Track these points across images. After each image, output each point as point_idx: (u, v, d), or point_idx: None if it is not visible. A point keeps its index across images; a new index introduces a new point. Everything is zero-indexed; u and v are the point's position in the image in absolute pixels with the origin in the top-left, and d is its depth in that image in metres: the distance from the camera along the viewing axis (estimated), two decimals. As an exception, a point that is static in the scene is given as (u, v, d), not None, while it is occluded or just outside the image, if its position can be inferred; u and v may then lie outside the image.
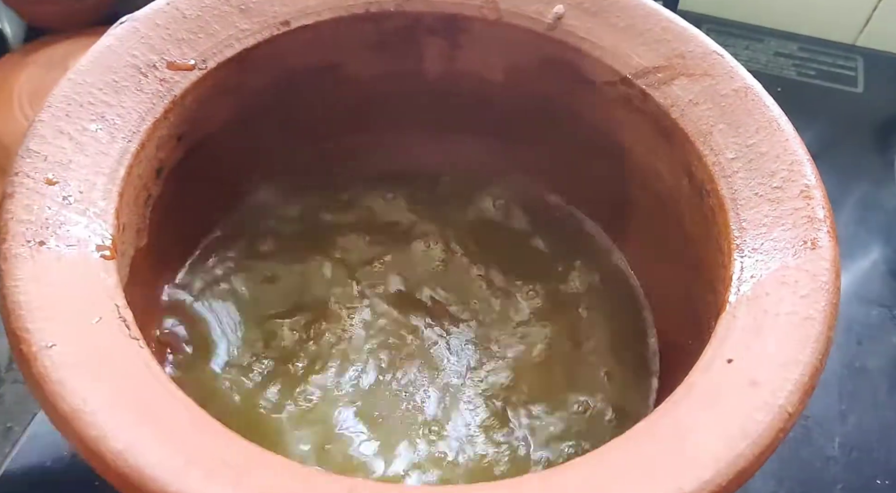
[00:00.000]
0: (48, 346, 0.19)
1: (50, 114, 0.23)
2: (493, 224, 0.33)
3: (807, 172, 0.24)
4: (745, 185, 0.24)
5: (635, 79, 0.27)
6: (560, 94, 0.30)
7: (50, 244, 0.21)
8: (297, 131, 0.31)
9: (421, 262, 0.31)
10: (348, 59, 0.30)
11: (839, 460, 0.35)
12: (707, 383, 0.20)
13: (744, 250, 0.23)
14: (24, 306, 0.19)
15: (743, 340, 0.21)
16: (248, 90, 0.28)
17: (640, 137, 0.29)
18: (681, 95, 0.26)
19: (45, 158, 0.22)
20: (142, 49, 0.25)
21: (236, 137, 0.29)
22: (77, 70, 0.24)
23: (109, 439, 0.17)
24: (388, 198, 0.33)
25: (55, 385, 0.18)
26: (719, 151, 0.25)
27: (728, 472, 0.18)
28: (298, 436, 0.26)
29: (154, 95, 0.25)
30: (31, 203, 0.21)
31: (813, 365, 0.20)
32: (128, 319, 0.20)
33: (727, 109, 0.26)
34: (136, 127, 0.24)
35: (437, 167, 0.34)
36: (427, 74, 0.31)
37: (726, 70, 0.26)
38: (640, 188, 0.30)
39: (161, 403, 0.19)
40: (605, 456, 0.19)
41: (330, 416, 0.27)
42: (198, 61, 0.26)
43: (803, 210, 0.23)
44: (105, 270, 0.21)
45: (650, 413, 0.20)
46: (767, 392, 0.19)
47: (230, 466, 0.18)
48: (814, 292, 0.21)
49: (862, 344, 0.39)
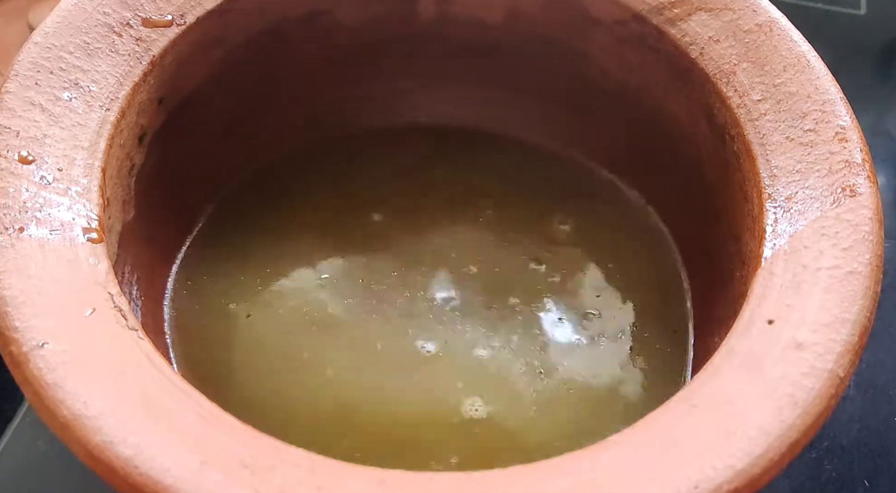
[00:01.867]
0: (40, 345, 0.17)
1: (17, 83, 0.21)
2: (501, 182, 0.31)
3: (841, 112, 0.22)
4: (773, 128, 0.23)
5: (649, 15, 0.25)
6: (566, 36, 0.28)
7: (31, 230, 0.19)
8: (281, 87, 0.29)
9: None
10: (334, 5, 0.28)
11: (855, 399, 0.34)
12: (748, 348, 0.19)
13: (776, 200, 0.22)
14: (9, 302, 0.18)
15: (783, 298, 0.19)
16: (230, 45, 0.26)
17: (654, 80, 0.27)
18: (700, 31, 0.25)
19: (17, 133, 0.20)
20: (113, 5, 0.23)
21: (220, 97, 0.27)
22: (43, 32, 0.22)
23: (117, 444, 0.16)
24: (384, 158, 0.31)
25: (52, 389, 0.17)
26: (744, 92, 0.23)
27: (780, 446, 0.17)
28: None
29: (131, 56, 0.23)
30: (6, 185, 0.19)
31: (861, 324, 0.19)
32: (123, 308, 0.19)
33: (751, 46, 0.24)
34: (113, 93, 0.22)
35: (435, 122, 0.32)
36: (421, 18, 0.29)
37: (749, 3, 0.24)
38: (655, 133, 0.28)
39: (169, 399, 0.17)
40: (647, 431, 0.18)
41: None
42: (175, 16, 0.24)
43: (839, 154, 0.21)
44: (94, 254, 0.19)
45: (690, 382, 0.19)
46: (814, 355, 0.18)
47: (249, 465, 0.17)
48: (857, 243, 0.20)
49: (874, 279, 0.38)
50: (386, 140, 0.31)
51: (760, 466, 0.17)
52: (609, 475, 0.17)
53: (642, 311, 0.28)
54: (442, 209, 0.30)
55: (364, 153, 0.31)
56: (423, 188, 0.30)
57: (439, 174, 0.31)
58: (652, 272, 0.29)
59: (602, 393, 0.26)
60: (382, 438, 0.25)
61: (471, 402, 0.25)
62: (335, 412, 0.25)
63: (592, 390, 0.26)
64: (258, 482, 0.16)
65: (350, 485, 0.16)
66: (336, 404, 0.25)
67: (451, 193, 0.30)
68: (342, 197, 0.30)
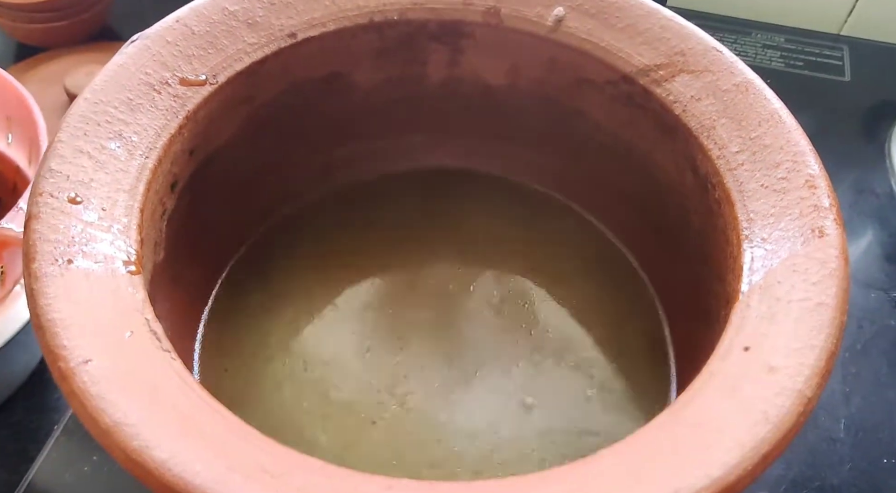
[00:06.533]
0: (85, 362, 0.19)
1: (68, 133, 0.23)
2: (498, 223, 0.33)
3: (810, 162, 0.24)
4: (750, 177, 0.25)
5: (637, 77, 0.28)
6: (563, 94, 0.30)
7: (78, 262, 0.21)
8: (302, 140, 0.32)
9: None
10: (353, 68, 0.30)
11: (846, 441, 0.36)
12: (726, 371, 0.21)
13: (753, 241, 0.24)
14: (58, 324, 0.20)
15: (758, 327, 0.21)
16: (256, 102, 0.29)
17: (642, 133, 0.29)
18: (683, 91, 0.27)
19: (67, 177, 0.22)
20: (154, 66, 0.25)
21: (245, 149, 0.30)
22: (92, 89, 0.24)
23: (153, 449, 0.18)
24: (396, 203, 0.34)
25: (95, 400, 0.19)
26: (723, 144, 0.26)
27: (753, 456, 0.18)
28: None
29: (168, 111, 0.25)
30: (58, 222, 0.22)
31: (828, 349, 0.20)
32: (158, 332, 0.21)
33: (729, 104, 0.26)
34: (152, 143, 0.24)
35: (441, 170, 0.34)
36: (430, 79, 0.32)
37: (726, 65, 0.27)
38: (645, 183, 0.30)
39: (197, 412, 0.19)
40: (634, 444, 0.19)
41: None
42: (209, 76, 0.26)
43: (809, 199, 0.24)
44: (132, 284, 0.21)
45: (673, 403, 0.20)
46: (786, 377, 0.20)
47: (269, 470, 0.18)
48: (824, 278, 0.22)
49: (862, 327, 0.40)
50: (394, 187, 0.34)
51: (735, 475, 0.18)
52: (598, 482, 0.18)
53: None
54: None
55: (375, 200, 0.34)
56: (425, 232, 0.33)
57: (439, 219, 0.33)
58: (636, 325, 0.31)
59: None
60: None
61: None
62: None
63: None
64: (278, 484, 0.18)
65: (362, 488, 0.18)
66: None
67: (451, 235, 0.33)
68: (356, 241, 0.32)
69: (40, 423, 0.35)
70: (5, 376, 0.34)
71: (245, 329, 0.30)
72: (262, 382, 0.29)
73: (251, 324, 0.30)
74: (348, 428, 0.28)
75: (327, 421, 0.28)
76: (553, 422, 0.28)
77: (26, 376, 0.36)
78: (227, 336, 0.30)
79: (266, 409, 0.28)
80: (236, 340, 0.30)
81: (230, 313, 0.31)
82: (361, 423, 0.28)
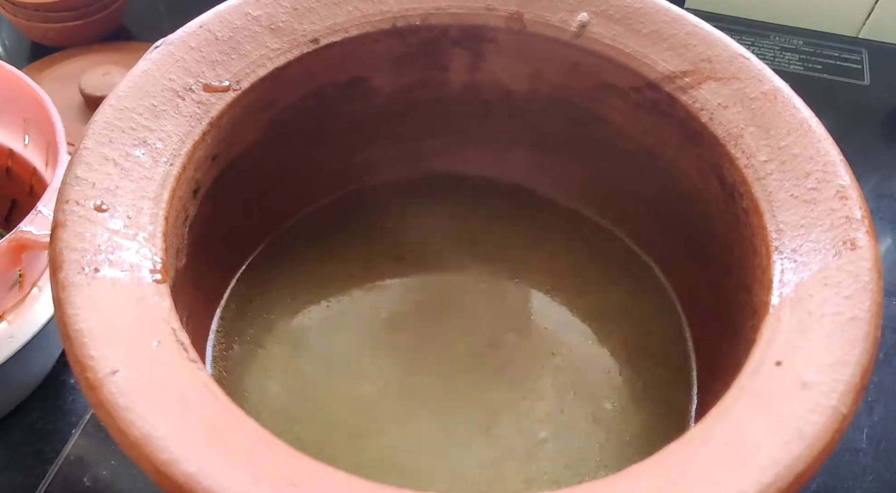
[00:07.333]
0: (112, 372, 0.19)
1: (94, 140, 0.23)
2: (518, 232, 0.33)
3: (841, 172, 0.24)
4: (779, 187, 0.25)
5: (662, 83, 0.28)
6: (585, 100, 0.30)
7: (105, 271, 0.21)
8: (321, 145, 0.32)
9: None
10: (374, 73, 0.30)
11: (868, 451, 0.35)
12: (757, 387, 0.20)
13: (783, 252, 0.23)
14: (86, 334, 0.19)
15: (790, 342, 0.21)
16: (278, 107, 0.29)
17: (666, 141, 0.29)
18: (709, 98, 0.27)
19: (93, 185, 0.22)
20: (178, 72, 0.25)
21: (266, 154, 0.30)
22: (117, 96, 0.24)
23: (182, 462, 0.18)
24: (413, 209, 0.34)
25: (123, 411, 0.18)
26: (751, 153, 0.25)
27: (788, 475, 0.18)
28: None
29: (192, 117, 0.25)
30: (84, 231, 0.21)
31: (863, 365, 0.20)
32: (185, 342, 0.21)
33: (757, 112, 0.26)
34: (176, 150, 0.24)
35: (459, 176, 0.34)
36: (451, 85, 0.31)
37: (754, 73, 0.27)
38: (667, 191, 0.30)
39: (225, 424, 0.19)
40: (663, 462, 0.19)
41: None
42: (232, 82, 0.26)
43: (840, 210, 0.23)
44: (158, 293, 0.21)
45: (703, 419, 0.20)
46: (820, 394, 0.20)
47: (296, 484, 0.18)
48: (857, 292, 0.21)
49: (884, 335, 0.39)
50: (413, 191, 0.33)
51: (770, 493, 0.18)
52: (629, 500, 0.18)
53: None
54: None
55: (391, 206, 0.34)
56: (443, 240, 0.33)
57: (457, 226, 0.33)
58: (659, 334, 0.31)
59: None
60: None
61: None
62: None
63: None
64: (307, 499, 0.18)
65: (390, 504, 0.18)
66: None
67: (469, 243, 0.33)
68: (371, 248, 0.32)
69: (56, 425, 0.35)
70: (22, 378, 0.34)
71: (255, 331, 0.30)
72: (263, 382, 0.29)
73: (262, 327, 0.30)
74: (352, 436, 0.28)
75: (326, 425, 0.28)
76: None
77: (42, 378, 0.36)
78: (236, 337, 0.30)
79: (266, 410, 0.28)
80: (246, 342, 0.30)
81: (241, 315, 0.30)
82: (368, 434, 0.28)
